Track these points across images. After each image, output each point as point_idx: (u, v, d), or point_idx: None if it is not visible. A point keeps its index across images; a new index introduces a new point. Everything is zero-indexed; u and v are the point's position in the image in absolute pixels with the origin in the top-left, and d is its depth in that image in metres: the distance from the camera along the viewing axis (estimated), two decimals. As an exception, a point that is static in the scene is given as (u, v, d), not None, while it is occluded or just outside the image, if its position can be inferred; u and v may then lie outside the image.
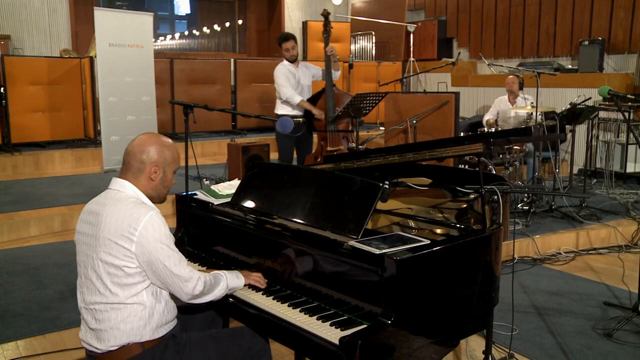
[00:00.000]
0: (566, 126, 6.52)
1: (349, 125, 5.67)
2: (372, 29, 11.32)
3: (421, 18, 11.52)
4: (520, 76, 6.62)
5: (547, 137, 6.39)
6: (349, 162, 2.87)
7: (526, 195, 5.67)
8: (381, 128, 8.64)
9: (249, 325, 2.19)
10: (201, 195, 2.82)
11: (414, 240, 2.02)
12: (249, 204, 2.55)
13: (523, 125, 6.30)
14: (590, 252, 5.04)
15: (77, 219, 2.15)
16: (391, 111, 6.04)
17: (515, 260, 4.65)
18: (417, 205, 2.63)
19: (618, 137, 7.35)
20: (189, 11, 14.16)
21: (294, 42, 5.74)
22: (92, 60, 7.64)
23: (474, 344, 3.23)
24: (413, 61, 10.21)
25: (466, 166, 5.56)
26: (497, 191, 2.35)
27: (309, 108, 5.60)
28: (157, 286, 2.02)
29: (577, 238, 5.13)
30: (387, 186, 2.33)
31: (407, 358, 1.91)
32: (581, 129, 6.87)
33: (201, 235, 2.77)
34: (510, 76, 6.64)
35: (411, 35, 10.30)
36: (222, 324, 2.49)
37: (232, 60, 9.69)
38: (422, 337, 1.98)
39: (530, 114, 5.85)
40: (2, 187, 6.24)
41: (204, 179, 6.31)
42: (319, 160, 5.38)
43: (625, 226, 5.37)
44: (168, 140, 2.15)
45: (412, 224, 2.41)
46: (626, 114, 6.46)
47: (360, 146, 5.42)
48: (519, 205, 5.61)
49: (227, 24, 13.20)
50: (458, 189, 2.70)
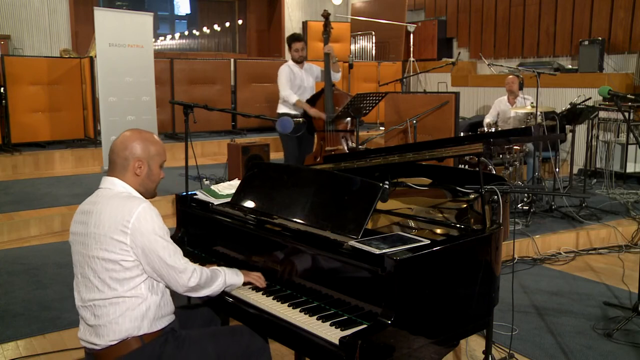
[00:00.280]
0: (566, 126, 6.52)
1: (348, 125, 5.68)
2: (372, 29, 11.32)
3: (421, 18, 11.52)
4: (521, 76, 6.61)
5: (547, 137, 6.39)
6: (349, 162, 2.87)
7: (526, 195, 5.67)
8: (381, 128, 8.64)
9: (248, 325, 2.18)
10: (201, 195, 2.82)
11: (414, 240, 2.02)
12: (249, 204, 2.55)
13: (523, 125, 6.30)
14: (590, 252, 5.04)
15: (77, 219, 2.15)
16: (391, 111, 6.04)
17: (515, 260, 4.65)
18: (417, 205, 2.63)
19: (618, 137, 7.34)
20: (189, 11, 14.16)
21: (304, 43, 5.80)
22: (92, 60, 7.64)
23: (474, 344, 3.23)
24: (413, 61, 10.21)
25: (466, 166, 5.56)
26: (497, 191, 2.35)
27: (305, 108, 5.62)
28: (153, 279, 2.03)
29: (577, 238, 5.13)
30: (387, 186, 2.33)
31: (407, 358, 1.91)
32: (581, 129, 6.87)
33: (201, 235, 2.77)
34: (510, 76, 6.64)
35: (411, 35, 10.30)
36: (221, 324, 2.48)
37: (232, 60, 9.69)
38: (422, 337, 1.98)
39: (531, 113, 5.85)
40: (2, 187, 6.24)
41: (204, 179, 6.31)
42: (318, 160, 5.38)
43: (625, 226, 5.37)
44: (151, 134, 2.16)
45: (412, 224, 2.41)
46: (626, 114, 6.46)
47: (360, 146, 5.42)
48: (519, 205, 5.61)
49: (227, 24, 13.19)
50: (458, 189, 2.70)
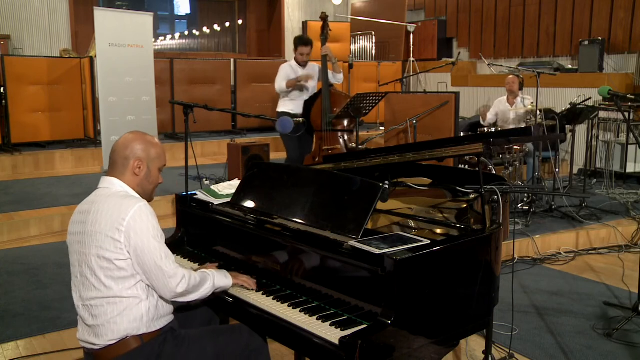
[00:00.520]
0: (566, 126, 6.51)
1: (345, 124, 5.70)
2: (372, 29, 11.31)
3: (421, 18, 11.52)
4: (521, 76, 6.61)
5: (547, 137, 6.39)
6: (349, 162, 2.87)
7: (526, 195, 5.67)
8: (381, 128, 8.64)
9: (248, 325, 2.18)
10: (201, 195, 2.82)
11: (414, 240, 2.02)
12: (249, 204, 2.55)
13: (523, 125, 6.30)
14: (590, 252, 5.04)
15: (77, 219, 2.15)
16: (391, 111, 6.05)
17: (515, 260, 4.65)
18: (417, 205, 2.63)
19: (618, 137, 7.35)
20: (189, 11, 14.16)
21: (311, 48, 5.78)
22: (92, 60, 7.64)
23: (474, 344, 3.23)
24: (413, 61, 10.21)
25: (466, 166, 5.56)
26: (497, 191, 2.35)
27: (294, 83, 5.69)
28: (142, 281, 2.03)
29: (577, 238, 5.13)
30: (387, 186, 2.33)
31: (407, 358, 1.91)
32: (581, 129, 6.87)
33: (201, 235, 2.77)
34: (511, 76, 6.63)
35: (411, 35, 10.30)
36: (220, 323, 2.49)
37: (232, 60, 9.69)
38: (422, 337, 1.98)
39: (531, 111, 5.85)
40: (2, 187, 6.24)
41: (204, 179, 6.31)
42: (317, 160, 5.39)
43: (625, 226, 5.37)
44: (153, 138, 2.19)
45: (412, 224, 2.41)
46: (626, 114, 6.46)
47: (360, 146, 5.43)
48: (519, 205, 5.61)
49: (227, 24, 13.19)
50: (458, 189, 2.70)
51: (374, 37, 11.45)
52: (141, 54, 7.02)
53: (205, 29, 13.15)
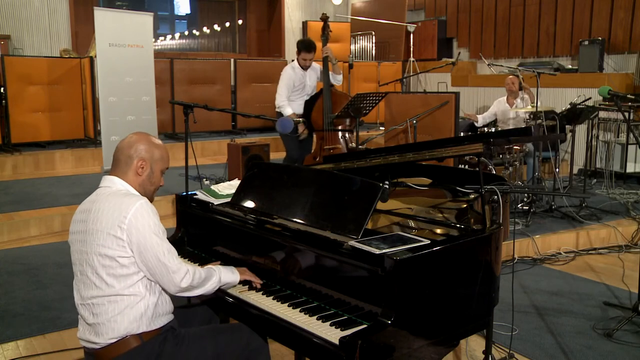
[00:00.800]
0: (566, 126, 6.51)
1: (346, 124, 5.69)
2: (372, 29, 11.31)
3: (421, 18, 11.52)
4: (520, 76, 6.60)
5: (547, 137, 6.39)
6: (349, 162, 2.87)
7: (526, 195, 5.67)
8: (381, 128, 8.64)
9: (248, 325, 2.18)
10: (201, 195, 2.82)
11: (414, 240, 2.02)
12: (249, 204, 2.55)
13: (523, 125, 6.30)
14: (590, 252, 5.04)
15: (77, 219, 2.15)
16: (391, 111, 6.05)
17: (515, 260, 4.65)
18: (417, 205, 2.63)
19: (618, 137, 7.35)
20: (189, 11, 14.15)
21: (314, 54, 5.74)
22: (92, 60, 7.64)
23: (474, 344, 3.23)
24: (413, 61, 10.21)
25: (466, 166, 5.56)
26: (497, 191, 2.35)
27: (295, 121, 5.63)
28: (147, 278, 2.03)
29: (577, 238, 5.13)
30: (387, 186, 2.33)
31: (407, 358, 1.91)
32: (581, 129, 6.87)
33: (201, 235, 2.77)
34: (511, 76, 6.63)
35: (411, 35, 10.30)
36: (220, 323, 2.48)
37: (232, 60, 9.69)
38: (422, 337, 1.98)
39: (531, 113, 5.85)
40: (2, 187, 6.24)
41: (204, 179, 6.31)
42: (318, 160, 5.39)
43: (625, 226, 5.37)
44: (157, 140, 2.21)
45: (412, 224, 2.41)
46: (626, 114, 6.46)
47: (360, 146, 5.43)
48: (519, 205, 5.61)
49: (227, 24, 13.19)
50: (458, 189, 2.70)
51: (374, 37, 11.45)
52: (141, 54, 7.02)
53: (205, 29, 13.15)
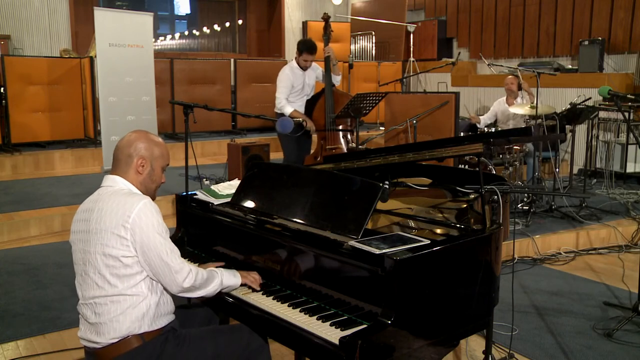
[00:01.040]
0: (566, 126, 6.51)
1: (348, 124, 5.68)
2: (372, 29, 11.31)
3: (421, 18, 11.52)
4: (519, 76, 6.59)
5: (547, 137, 6.39)
6: (349, 162, 2.87)
7: (526, 195, 5.67)
8: (381, 128, 8.64)
9: (248, 325, 2.18)
10: (201, 195, 2.82)
11: (414, 240, 2.02)
12: (249, 204, 2.55)
13: (523, 125, 6.30)
14: (590, 252, 5.04)
15: (77, 219, 2.15)
16: (391, 111, 6.05)
17: (515, 260, 4.65)
18: (417, 205, 2.63)
19: (618, 137, 7.34)
20: (189, 11, 14.15)
21: (315, 55, 5.64)
22: (92, 60, 7.64)
23: (474, 344, 3.23)
24: (413, 61, 10.21)
25: (466, 166, 5.56)
26: (497, 191, 2.35)
27: (300, 117, 5.50)
28: (150, 277, 2.03)
29: (577, 238, 5.13)
30: (387, 186, 2.33)
31: (407, 358, 1.91)
32: (581, 129, 6.87)
33: (201, 235, 2.77)
34: (510, 76, 6.63)
35: (411, 35, 10.30)
36: (220, 323, 2.49)
37: (232, 60, 9.69)
38: (422, 337, 1.98)
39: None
40: (2, 187, 6.24)
41: (204, 179, 6.31)
42: (318, 160, 5.39)
43: (625, 226, 5.37)
44: (157, 137, 2.21)
45: (412, 224, 2.41)
46: (626, 114, 6.46)
47: (360, 146, 5.43)
48: (519, 205, 5.61)
49: (227, 24, 13.19)
50: (458, 189, 2.70)
51: (374, 37, 11.45)
52: (141, 54, 7.03)
53: (205, 29, 13.15)
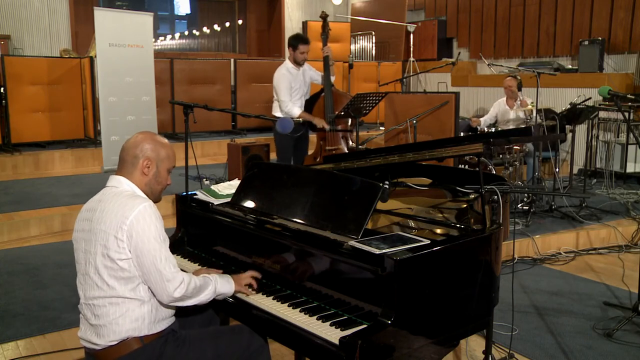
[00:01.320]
0: (566, 126, 6.51)
1: (348, 125, 5.67)
2: (372, 29, 11.31)
3: (421, 18, 11.52)
4: (518, 77, 6.59)
5: (547, 137, 6.39)
6: (349, 162, 2.87)
7: (526, 195, 5.67)
8: (381, 128, 8.63)
9: (249, 325, 2.18)
10: (201, 195, 2.82)
11: (414, 240, 2.02)
12: (249, 204, 2.55)
13: (523, 126, 6.30)
14: (590, 252, 5.04)
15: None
16: (391, 111, 6.05)
17: (515, 260, 4.65)
18: (417, 205, 2.63)
19: (618, 137, 7.34)
20: (189, 11, 14.15)
21: (309, 46, 5.62)
22: (92, 60, 7.64)
23: (474, 344, 3.23)
24: (413, 61, 10.21)
25: (466, 166, 5.56)
26: (497, 191, 2.35)
27: (309, 119, 5.49)
28: (142, 282, 2.02)
29: (577, 238, 5.13)
30: (387, 186, 2.33)
31: (407, 358, 1.91)
32: (581, 129, 6.87)
33: (201, 235, 2.77)
34: (508, 78, 6.62)
35: (411, 35, 10.30)
36: (220, 323, 2.49)
37: (232, 60, 9.68)
38: (422, 337, 1.98)
39: (531, 111, 5.85)
40: (2, 187, 6.24)
41: (204, 179, 6.31)
42: (318, 160, 5.38)
43: (625, 226, 5.37)
44: (163, 139, 2.20)
45: (412, 224, 2.41)
46: (626, 114, 6.46)
47: (360, 146, 5.43)
48: (519, 205, 5.61)
49: (227, 24, 13.19)
50: (458, 189, 2.70)
51: (374, 37, 11.45)
52: (141, 54, 7.03)
53: (205, 29, 13.15)
